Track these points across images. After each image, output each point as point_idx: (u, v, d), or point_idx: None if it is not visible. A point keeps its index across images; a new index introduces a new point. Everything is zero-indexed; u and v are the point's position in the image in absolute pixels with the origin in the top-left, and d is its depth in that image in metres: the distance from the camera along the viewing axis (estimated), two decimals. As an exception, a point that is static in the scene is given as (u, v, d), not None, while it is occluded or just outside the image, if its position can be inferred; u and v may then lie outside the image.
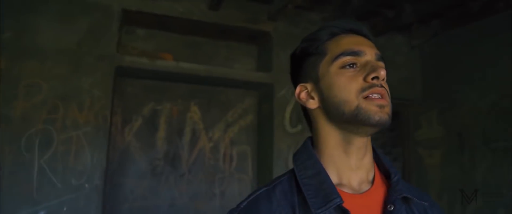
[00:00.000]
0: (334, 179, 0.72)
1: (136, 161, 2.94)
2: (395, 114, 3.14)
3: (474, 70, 2.82)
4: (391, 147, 4.40)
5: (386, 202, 0.72)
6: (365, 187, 0.74)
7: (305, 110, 0.81)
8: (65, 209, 2.39)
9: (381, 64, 0.73)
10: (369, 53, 0.73)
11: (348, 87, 0.70)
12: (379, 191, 0.74)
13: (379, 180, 0.76)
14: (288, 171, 0.79)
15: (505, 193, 2.60)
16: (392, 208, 0.70)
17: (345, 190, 0.71)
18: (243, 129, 3.21)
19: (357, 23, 0.78)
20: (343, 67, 0.72)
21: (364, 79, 0.70)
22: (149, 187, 2.94)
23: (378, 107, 0.68)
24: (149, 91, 3.02)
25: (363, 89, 0.69)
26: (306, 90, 0.78)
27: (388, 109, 0.70)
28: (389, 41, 3.29)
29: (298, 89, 0.79)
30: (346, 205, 0.68)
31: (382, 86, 0.70)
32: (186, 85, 3.11)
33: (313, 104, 0.76)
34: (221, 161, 3.14)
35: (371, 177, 0.75)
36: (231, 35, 3.12)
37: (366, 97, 0.69)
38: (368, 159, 0.76)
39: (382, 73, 0.69)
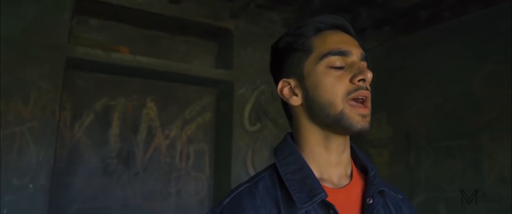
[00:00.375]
0: (316, 174, 0.73)
1: (86, 159, 2.76)
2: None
3: (421, 74, 3.03)
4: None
5: (365, 195, 0.74)
6: (345, 181, 0.76)
7: (286, 106, 0.81)
8: (5, 212, 2.18)
9: (365, 64, 0.75)
10: (355, 53, 0.73)
11: (334, 89, 0.71)
12: (358, 185, 0.76)
13: (356, 174, 0.78)
14: (268, 167, 0.79)
15: (445, 188, 2.83)
16: (371, 201, 0.73)
17: (327, 185, 0.73)
18: (201, 127, 3.16)
19: (343, 19, 0.78)
20: (330, 66, 0.72)
21: (351, 81, 0.71)
22: (100, 187, 2.78)
23: (361, 116, 0.70)
24: (102, 85, 2.86)
25: (349, 92, 0.71)
26: (289, 86, 0.77)
27: (369, 118, 0.72)
28: (344, 44, 3.41)
29: (280, 84, 0.78)
30: (329, 199, 0.69)
31: (367, 89, 0.72)
32: (142, 80, 2.99)
33: (296, 101, 0.76)
34: (178, 159, 3.06)
35: (349, 172, 0.78)
36: (191, 31, 3.05)
37: (351, 101, 0.71)
38: (346, 155, 0.77)
39: (369, 76, 0.71)
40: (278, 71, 0.81)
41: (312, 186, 0.70)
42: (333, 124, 0.71)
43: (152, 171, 2.96)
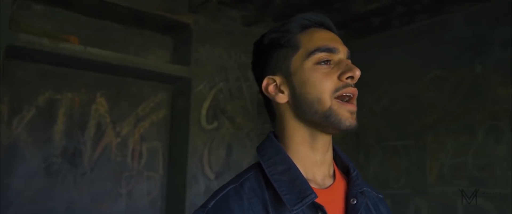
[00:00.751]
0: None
1: (27, 158, 2.51)
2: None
3: (372, 77, 3.19)
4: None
5: (348, 196, 0.75)
6: (328, 182, 0.76)
7: (269, 104, 0.79)
8: None
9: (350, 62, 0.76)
10: (342, 51, 0.74)
11: (322, 85, 0.71)
12: (341, 185, 0.77)
13: (338, 174, 0.79)
14: (252, 166, 0.77)
15: (392, 185, 3.01)
16: (355, 202, 0.74)
17: (312, 185, 0.72)
18: (154, 124, 3.02)
19: (326, 18, 0.79)
20: (317, 63, 0.72)
21: (339, 78, 0.71)
22: (41, 189, 2.55)
23: (349, 113, 0.71)
24: (46, 77, 2.62)
25: (337, 89, 0.71)
26: (275, 84, 0.76)
27: (355, 115, 0.73)
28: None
29: (265, 82, 0.76)
30: (317, 200, 0.69)
31: (354, 86, 0.73)
32: (92, 73, 2.79)
33: (282, 98, 0.75)
34: (129, 158, 2.90)
35: (332, 172, 0.78)
36: (146, 23, 2.91)
37: (339, 98, 0.71)
38: (330, 155, 0.78)
39: (357, 73, 0.71)
40: (262, 69, 0.79)
41: (301, 187, 0.69)
42: (321, 121, 0.71)
43: (101, 170, 2.77)
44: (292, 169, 0.71)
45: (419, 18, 2.97)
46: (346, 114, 0.70)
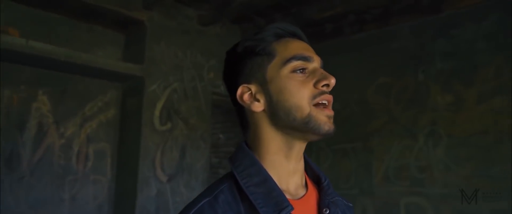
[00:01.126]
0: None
1: (-46, 162, 2.25)
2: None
3: (325, 82, 3.31)
4: (234, 146, 4.69)
5: (321, 205, 0.76)
6: (301, 191, 0.76)
7: (242, 113, 0.78)
8: None
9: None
10: (316, 60, 0.76)
11: (300, 93, 0.71)
12: (313, 195, 0.77)
13: (310, 184, 0.79)
14: (225, 178, 0.75)
15: (341, 186, 3.14)
16: (328, 212, 0.75)
17: (287, 196, 0.72)
18: (103, 124, 2.86)
19: (298, 28, 0.80)
20: (293, 71, 0.72)
21: (314, 85, 0.72)
22: (-29, 195, 2.30)
23: (327, 117, 0.72)
24: (-21, 72, 2.36)
25: (314, 96, 0.71)
26: (250, 92, 0.75)
27: (332, 119, 0.74)
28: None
29: (240, 90, 0.75)
30: (293, 212, 0.69)
31: (330, 94, 0.74)
32: (33, 69, 2.56)
33: (258, 106, 0.74)
34: (74, 160, 2.72)
35: (303, 181, 0.78)
36: (96, 18, 2.74)
37: (316, 105, 0.72)
38: (302, 163, 0.78)
39: (333, 81, 0.73)
40: (235, 77, 0.78)
41: (278, 199, 0.69)
42: (300, 127, 0.71)
43: (41, 174, 2.56)
44: (267, 180, 0.71)
45: (369, 27, 3.13)
46: (324, 119, 0.71)
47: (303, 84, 0.72)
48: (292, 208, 0.68)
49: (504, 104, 2.50)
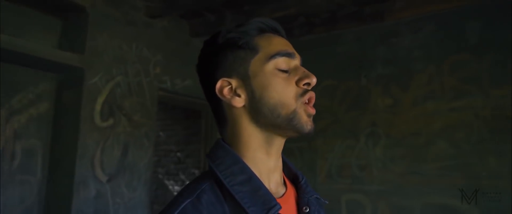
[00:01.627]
0: None
1: None
2: (197, 113, 3.28)
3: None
4: (185, 144, 4.57)
5: (300, 204, 0.76)
6: (281, 190, 0.76)
7: (219, 108, 0.76)
8: None
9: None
10: (297, 57, 0.76)
11: (285, 90, 0.71)
12: (292, 193, 0.78)
13: (288, 182, 0.79)
14: (204, 176, 0.72)
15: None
16: (308, 210, 0.75)
17: None
18: (34, 119, 2.57)
19: (279, 25, 0.79)
20: (277, 68, 0.72)
21: (297, 84, 0.72)
22: None
23: (308, 117, 0.72)
24: None
25: (298, 94, 0.71)
26: (230, 86, 0.73)
27: (312, 118, 0.74)
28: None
29: (219, 84, 0.73)
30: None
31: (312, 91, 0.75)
32: (-52, 53, 2.21)
33: (238, 102, 0.72)
34: (-2, 159, 2.40)
35: (282, 180, 0.78)
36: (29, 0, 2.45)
37: (302, 102, 0.72)
38: (280, 161, 0.78)
39: (314, 80, 0.73)
40: (213, 69, 0.74)
41: (265, 197, 0.68)
42: (283, 124, 0.70)
43: (-44, 175, 2.22)
44: (252, 179, 0.69)
45: (317, 31, 3.24)
46: (306, 118, 0.71)
47: (287, 82, 0.71)
48: (280, 207, 0.67)
49: (434, 109, 2.75)
